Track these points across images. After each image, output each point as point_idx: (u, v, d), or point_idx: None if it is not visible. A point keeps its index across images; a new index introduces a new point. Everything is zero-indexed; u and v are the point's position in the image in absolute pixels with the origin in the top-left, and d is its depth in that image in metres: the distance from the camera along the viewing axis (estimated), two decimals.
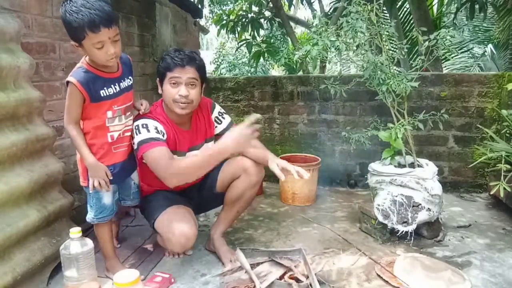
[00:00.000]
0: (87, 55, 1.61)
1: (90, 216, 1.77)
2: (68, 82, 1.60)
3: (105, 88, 1.64)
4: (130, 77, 1.78)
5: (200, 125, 2.01)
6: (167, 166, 1.69)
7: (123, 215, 2.43)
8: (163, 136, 1.79)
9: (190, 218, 1.87)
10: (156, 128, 1.78)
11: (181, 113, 1.84)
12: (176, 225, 1.81)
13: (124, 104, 1.73)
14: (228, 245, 2.13)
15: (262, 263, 1.91)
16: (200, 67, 1.86)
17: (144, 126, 1.77)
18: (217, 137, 2.01)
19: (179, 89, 1.81)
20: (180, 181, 1.75)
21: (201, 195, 2.11)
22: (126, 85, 1.75)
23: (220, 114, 2.06)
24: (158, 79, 1.91)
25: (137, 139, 1.75)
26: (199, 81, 1.86)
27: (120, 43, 1.58)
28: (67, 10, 1.47)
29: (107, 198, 1.76)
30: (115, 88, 1.68)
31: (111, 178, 1.69)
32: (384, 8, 4.47)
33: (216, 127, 2.05)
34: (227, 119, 2.07)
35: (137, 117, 1.84)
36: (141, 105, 1.87)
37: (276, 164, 1.86)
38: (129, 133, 1.79)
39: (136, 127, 1.77)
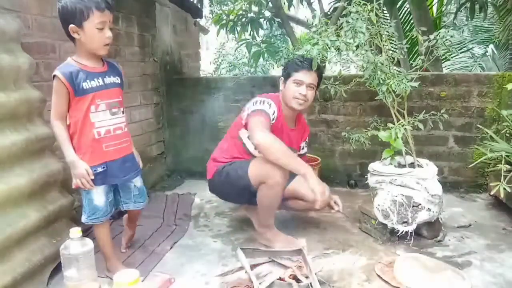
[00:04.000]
0: (79, 48, 1.67)
1: (84, 218, 1.76)
2: (54, 77, 1.63)
3: (87, 80, 1.66)
4: (117, 77, 1.79)
5: (299, 128, 2.34)
6: (263, 131, 1.94)
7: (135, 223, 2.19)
8: (272, 120, 2.07)
9: None
10: (274, 112, 2.08)
11: (297, 108, 2.16)
12: (273, 164, 1.95)
13: (109, 99, 1.72)
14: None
15: (262, 263, 1.91)
16: (320, 75, 2.21)
17: (268, 104, 2.08)
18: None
19: (301, 88, 2.13)
20: (261, 149, 1.96)
21: None
22: (112, 81, 1.75)
23: (306, 143, 2.41)
24: (282, 78, 2.22)
25: (254, 107, 2.07)
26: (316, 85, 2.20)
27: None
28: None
29: (99, 199, 1.74)
30: (98, 81, 1.69)
31: (92, 177, 1.67)
32: (384, 8, 4.47)
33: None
34: (305, 149, 2.42)
35: (260, 96, 2.15)
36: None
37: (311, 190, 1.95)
38: (120, 131, 1.78)
39: (261, 101, 2.09)
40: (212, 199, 2.91)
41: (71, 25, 1.60)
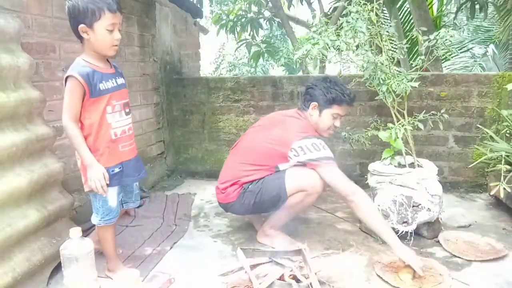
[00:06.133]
0: (87, 47, 1.65)
1: (96, 219, 1.75)
2: (67, 77, 1.61)
3: (103, 81, 1.65)
4: (122, 78, 1.80)
5: None
6: (353, 187, 1.94)
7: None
8: None
9: None
10: (324, 147, 2.03)
11: (326, 137, 2.20)
12: (312, 173, 2.00)
13: (122, 99, 1.74)
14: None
15: (262, 263, 1.91)
16: None
17: (321, 144, 2.02)
18: None
19: (336, 121, 2.18)
20: (355, 206, 1.93)
21: None
22: (122, 82, 1.77)
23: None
24: (316, 103, 2.13)
25: (318, 153, 1.97)
26: None
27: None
28: None
29: (113, 200, 1.75)
30: (113, 83, 1.70)
31: (108, 182, 1.67)
32: (384, 8, 4.47)
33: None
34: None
35: (305, 134, 2.02)
36: None
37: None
38: (132, 131, 1.81)
39: (320, 144, 2.01)
40: (212, 199, 2.91)
41: (81, 25, 1.59)
